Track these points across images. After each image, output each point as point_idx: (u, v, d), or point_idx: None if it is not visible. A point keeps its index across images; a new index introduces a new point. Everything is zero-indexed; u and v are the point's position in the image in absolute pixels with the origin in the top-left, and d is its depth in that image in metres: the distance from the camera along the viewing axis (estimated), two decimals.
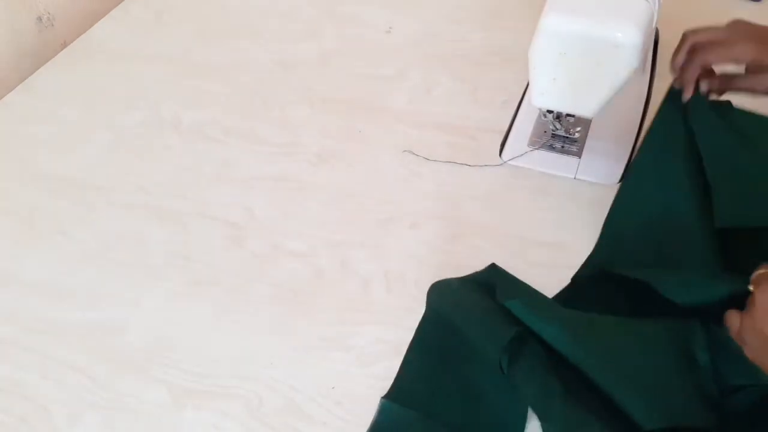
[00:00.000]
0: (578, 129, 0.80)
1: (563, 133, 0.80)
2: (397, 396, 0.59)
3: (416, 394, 0.59)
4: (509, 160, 0.79)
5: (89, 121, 0.90)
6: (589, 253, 0.69)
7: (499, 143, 0.82)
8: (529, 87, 0.73)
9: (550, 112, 0.76)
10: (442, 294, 0.65)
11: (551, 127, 0.80)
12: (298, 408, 0.60)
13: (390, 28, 1.01)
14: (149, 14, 1.08)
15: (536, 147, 0.80)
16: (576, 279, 0.67)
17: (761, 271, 0.53)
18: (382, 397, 0.59)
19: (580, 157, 0.78)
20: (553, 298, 0.64)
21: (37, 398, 0.63)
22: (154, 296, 0.70)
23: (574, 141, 0.80)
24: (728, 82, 0.65)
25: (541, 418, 0.55)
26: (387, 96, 0.90)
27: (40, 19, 1.04)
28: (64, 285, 0.71)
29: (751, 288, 0.53)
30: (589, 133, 0.80)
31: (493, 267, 0.66)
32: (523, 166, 0.79)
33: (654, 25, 0.71)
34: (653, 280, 0.59)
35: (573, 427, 0.53)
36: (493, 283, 0.63)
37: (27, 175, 0.84)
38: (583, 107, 0.71)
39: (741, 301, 0.54)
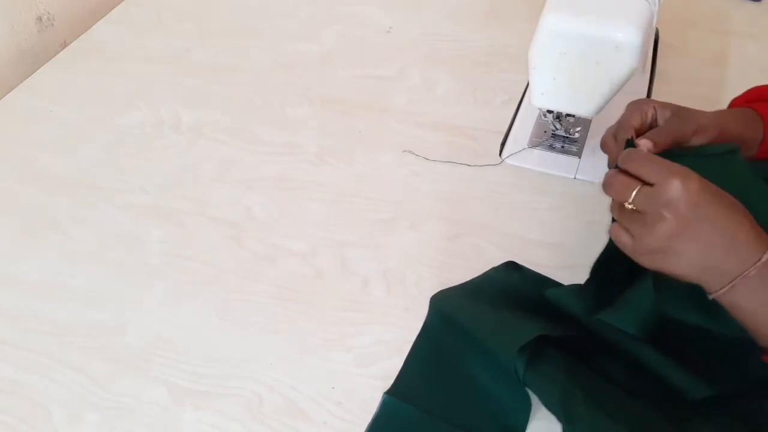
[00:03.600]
0: (578, 129, 0.80)
1: (563, 133, 0.80)
2: (398, 392, 0.60)
3: (417, 390, 0.60)
4: (509, 159, 0.79)
5: (89, 121, 0.90)
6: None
7: (499, 143, 0.82)
8: (529, 87, 0.73)
9: (550, 112, 0.76)
10: (448, 298, 0.65)
11: (551, 127, 0.80)
12: (298, 408, 0.60)
13: (390, 28, 1.01)
14: (149, 14, 1.08)
15: (536, 147, 0.80)
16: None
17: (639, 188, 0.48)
18: (384, 392, 0.60)
19: (580, 157, 0.79)
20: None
21: (37, 398, 0.62)
22: (154, 296, 0.70)
23: (574, 141, 0.80)
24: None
25: (563, 421, 0.55)
26: (387, 96, 0.90)
27: (40, 19, 1.04)
28: (64, 285, 0.71)
29: (630, 206, 0.49)
30: (589, 133, 0.80)
31: (512, 265, 0.67)
32: (523, 166, 0.79)
33: (654, 25, 0.71)
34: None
35: (598, 429, 0.53)
36: (510, 282, 0.64)
37: (27, 175, 0.84)
38: (583, 107, 0.71)
39: None
